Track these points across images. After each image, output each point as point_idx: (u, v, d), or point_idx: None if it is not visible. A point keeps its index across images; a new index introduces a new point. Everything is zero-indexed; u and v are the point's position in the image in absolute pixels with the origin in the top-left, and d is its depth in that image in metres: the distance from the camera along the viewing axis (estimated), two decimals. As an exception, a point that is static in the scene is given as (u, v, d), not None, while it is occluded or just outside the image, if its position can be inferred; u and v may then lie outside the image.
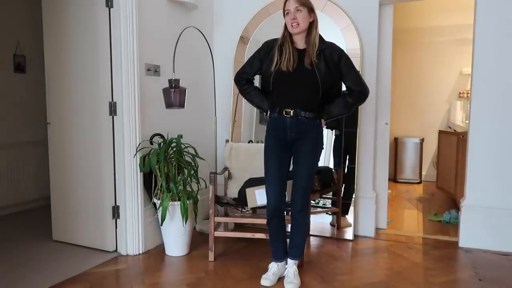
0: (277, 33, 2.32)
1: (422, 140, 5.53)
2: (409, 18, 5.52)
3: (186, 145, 2.89)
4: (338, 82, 2.34)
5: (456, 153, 3.80)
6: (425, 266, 2.65)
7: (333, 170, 3.22)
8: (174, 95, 2.75)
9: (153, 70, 2.95)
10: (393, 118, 3.63)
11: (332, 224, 3.31)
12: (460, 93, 5.54)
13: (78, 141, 2.88)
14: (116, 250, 2.85)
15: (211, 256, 2.73)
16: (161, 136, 2.95)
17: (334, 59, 2.25)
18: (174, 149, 2.80)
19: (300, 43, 2.28)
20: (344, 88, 2.40)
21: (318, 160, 2.38)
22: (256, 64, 2.37)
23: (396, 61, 3.66)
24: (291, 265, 2.37)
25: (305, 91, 2.25)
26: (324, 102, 2.31)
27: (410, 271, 2.58)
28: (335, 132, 3.29)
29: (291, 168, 2.37)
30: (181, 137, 2.86)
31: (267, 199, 2.36)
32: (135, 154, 2.75)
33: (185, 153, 2.84)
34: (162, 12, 3.05)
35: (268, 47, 2.32)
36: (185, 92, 2.80)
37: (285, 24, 2.26)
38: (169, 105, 2.79)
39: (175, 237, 2.79)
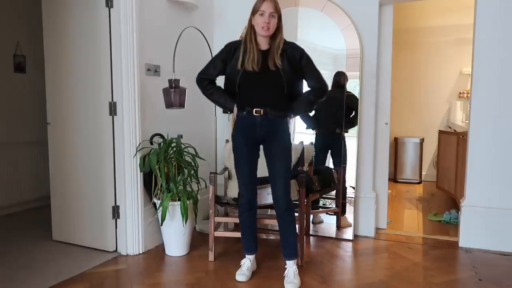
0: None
1: (422, 140, 5.53)
2: (409, 18, 5.51)
3: (186, 145, 2.89)
4: (300, 80, 2.38)
5: (456, 153, 3.80)
6: (425, 266, 2.65)
7: (333, 170, 3.22)
8: (174, 95, 2.75)
9: (153, 70, 2.95)
10: (393, 118, 3.62)
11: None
12: (460, 93, 5.54)
13: (78, 141, 2.88)
14: (116, 250, 2.86)
15: (211, 256, 2.73)
16: (161, 136, 2.95)
17: (296, 58, 2.29)
18: (174, 149, 2.80)
19: (263, 45, 2.30)
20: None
21: (291, 156, 2.42)
22: (219, 65, 2.37)
23: (396, 61, 3.65)
24: (291, 265, 2.37)
25: (272, 91, 2.29)
26: (288, 100, 2.34)
27: (410, 271, 2.58)
28: (315, 131, 3.33)
29: (265, 169, 2.38)
30: (181, 137, 2.86)
31: (240, 192, 2.44)
32: (135, 154, 2.76)
33: (185, 153, 2.84)
34: (162, 12, 3.05)
35: (232, 48, 2.33)
36: (185, 92, 2.80)
37: (250, 23, 2.28)
38: (169, 105, 2.79)
39: (175, 237, 2.79)
